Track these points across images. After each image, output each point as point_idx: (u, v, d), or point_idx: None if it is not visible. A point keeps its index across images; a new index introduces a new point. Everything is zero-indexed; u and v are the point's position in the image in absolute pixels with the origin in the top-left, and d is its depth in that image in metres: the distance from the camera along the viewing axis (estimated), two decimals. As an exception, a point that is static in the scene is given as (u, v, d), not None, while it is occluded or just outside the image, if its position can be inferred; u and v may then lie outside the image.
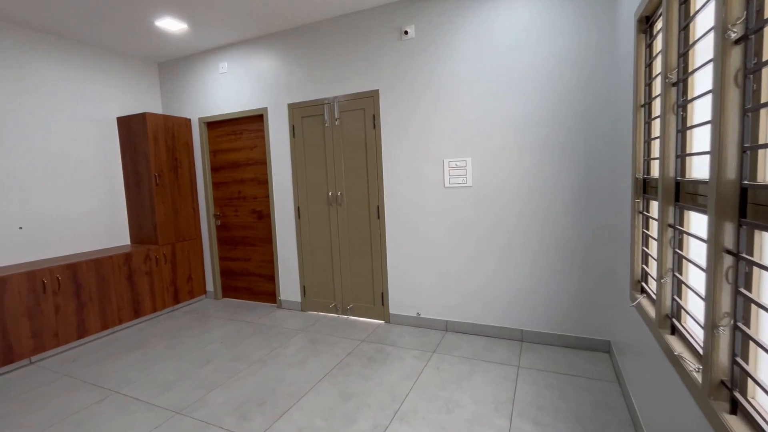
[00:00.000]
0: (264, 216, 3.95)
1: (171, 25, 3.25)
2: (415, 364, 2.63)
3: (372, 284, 3.43)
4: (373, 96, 3.19)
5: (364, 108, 3.24)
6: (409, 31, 2.99)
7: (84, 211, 3.64)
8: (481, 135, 2.87)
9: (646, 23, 1.85)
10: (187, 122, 4.11)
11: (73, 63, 3.55)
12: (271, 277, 4.02)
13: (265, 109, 3.69)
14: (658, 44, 1.73)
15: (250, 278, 4.14)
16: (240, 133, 3.95)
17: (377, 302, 3.42)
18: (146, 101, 4.19)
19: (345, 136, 3.36)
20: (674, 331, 1.46)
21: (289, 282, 3.84)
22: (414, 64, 3.02)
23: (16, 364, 2.85)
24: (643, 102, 1.91)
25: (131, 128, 3.81)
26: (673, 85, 1.45)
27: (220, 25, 3.34)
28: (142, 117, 3.71)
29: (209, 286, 4.33)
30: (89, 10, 2.94)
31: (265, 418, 2.11)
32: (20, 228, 3.20)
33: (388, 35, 3.08)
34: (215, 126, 4.08)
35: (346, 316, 3.58)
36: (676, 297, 1.46)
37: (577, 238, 2.68)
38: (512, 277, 2.89)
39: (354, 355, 2.81)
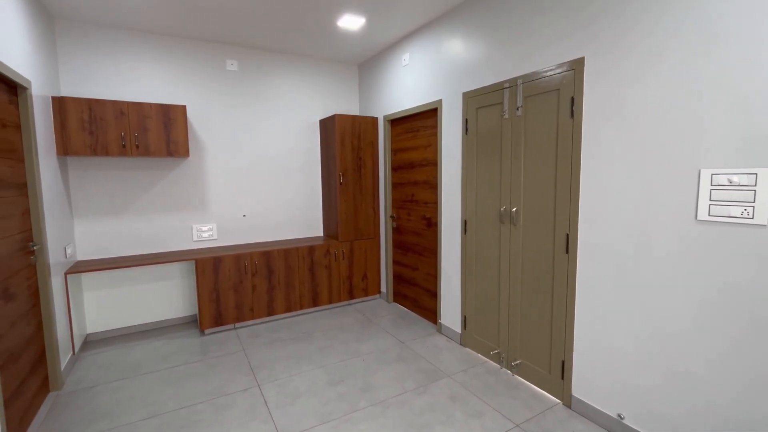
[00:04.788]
0: (432, 224, 3.47)
1: (351, 22, 3.15)
2: None
3: (550, 344, 2.39)
4: (574, 68, 2.09)
5: (559, 88, 2.18)
6: (650, -55, 1.73)
7: (291, 204, 4.18)
8: (809, 121, 1.35)
9: None
10: (374, 121, 4.07)
11: (292, 73, 4.04)
12: (435, 294, 3.53)
13: (440, 101, 3.14)
14: None
15: (416, 289, 3.79)
16: (417, 130, 3.57)
17: (554, 371, 2.37)
18: (347, 102, 4.41)
19: (528, 131, 2.40)
20: None
21: (450, 306, 3.24)
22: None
23: (224, 327, 3.54)
24: None
25: (326, 129, 4.08)
26: None
27: (397, 10, 2.98)
28: (332, 119, 3.89)
29: (383, 287, 4.27)
30: (285, 24, 3.17)
31: (344, 499, 1.67)
32: (244, 216, 3.95)
33: (612, -35, 1.90)
34: (396, 123, 3.86)
35: (509, 373, 2.68)
36: None
37: None
38: None
39: (495, 447, 1.98)
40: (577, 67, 2.07)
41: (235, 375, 2.74)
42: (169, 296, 3.65)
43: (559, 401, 2.35)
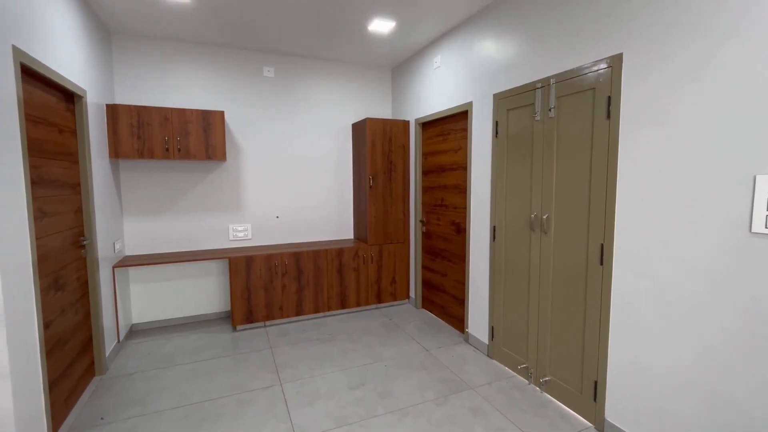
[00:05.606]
0: (462, 230, 3.37)
1: (381, 26, 3.16)
2: None
3: (581, 361, 2.22)
4: (611, 65, 1.94)
5: (594, 87, 2.03)
6: (698, -73, 1.57)
7: (322, 207, 4.25)
8: None
9: None
10: (405, 125, 4.04)
11: (326, 78, 4.13)
12: (463, 302, 3.42)
13: (470, 103, 3.05)
14: None
15: (444, 296, 3.70)
16: (447, 133, 3.49)
17: (586, 392, 2.19)
18: (380, 106, 4.42)
19: (561, 133, 2.27)
20: None
21: (477, 315, 3.13)
22: (705, -11, 1.57)
23: (255, 325, 3.66)
24: None
25: (358, 133, 4.11)
26: None
27: (426, 13, 2.95)
28: (363, 122, 3.92)
29: (412, 292, 4.21)
30: (318, 30, 3.23)
31: (351, 507, 1.64)
32: (277, 217, 4.07)
33: (655, -48, 1.75)
34: (427, 127, 3.81)
35: (537, 389, 2.53)
36: None
37: None
38: None
39: (515, 468, 1.86)
40: (614, 64, 1.92)
41: (260, 372, 2.81)
42: (206, 292, 3.83)
43: (591, 425, 2.17)
